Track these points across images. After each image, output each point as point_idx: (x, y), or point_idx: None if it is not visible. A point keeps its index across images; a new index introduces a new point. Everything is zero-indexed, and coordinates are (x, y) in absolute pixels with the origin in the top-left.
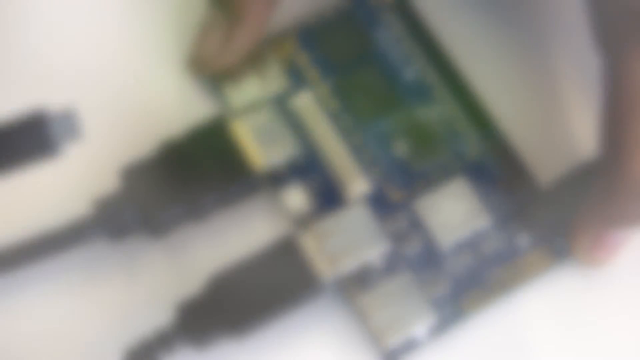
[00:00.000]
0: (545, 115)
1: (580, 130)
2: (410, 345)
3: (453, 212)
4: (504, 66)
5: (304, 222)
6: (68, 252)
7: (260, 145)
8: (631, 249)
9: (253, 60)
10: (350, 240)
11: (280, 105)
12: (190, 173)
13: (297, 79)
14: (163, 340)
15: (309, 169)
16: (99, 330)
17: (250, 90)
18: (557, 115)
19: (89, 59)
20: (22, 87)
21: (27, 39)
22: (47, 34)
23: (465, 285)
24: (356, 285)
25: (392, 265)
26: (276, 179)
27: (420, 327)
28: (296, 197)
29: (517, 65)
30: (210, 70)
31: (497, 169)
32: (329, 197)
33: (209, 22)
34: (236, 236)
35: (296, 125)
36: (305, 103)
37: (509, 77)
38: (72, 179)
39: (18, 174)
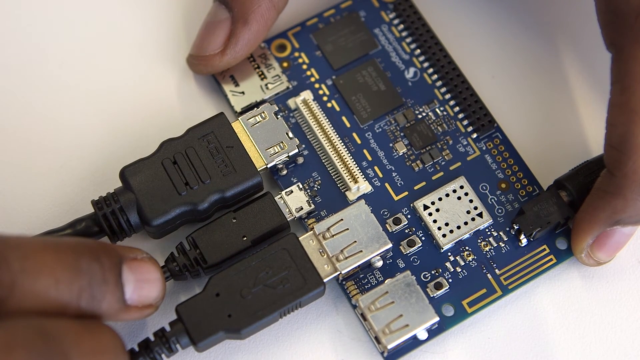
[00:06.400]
0: (546, 115)
1: (582, 130)
2: (411, 345)
3: (453, 211)
4: (505, 66)
5: (304, 221)
6: None
7: (261, 144)
8: (631, 250)
9: (254, 60)
10: (350, 240)
11: (281, 104)
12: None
13: (297, 78)
14: (163, 339)
15: (309, 168)
16: None
17: (251, 89)
18: (558, 115)
19: (91, 57)
20: (25, 85)
21: (31, 36)
22: (50, 32)
23: (466, 285)
24: (356, 285)
25: (392, 265)
26: (276, 179)
27: (420, 327)
28: (296, 197)
29: (518, 65)
30: (211, 68)
31: (497, 169)
32: (329, 197)
33: (213, 21)
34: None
35: (296, 125)
36: (306, 103)
37: (510, 77)
38: (74, 179)
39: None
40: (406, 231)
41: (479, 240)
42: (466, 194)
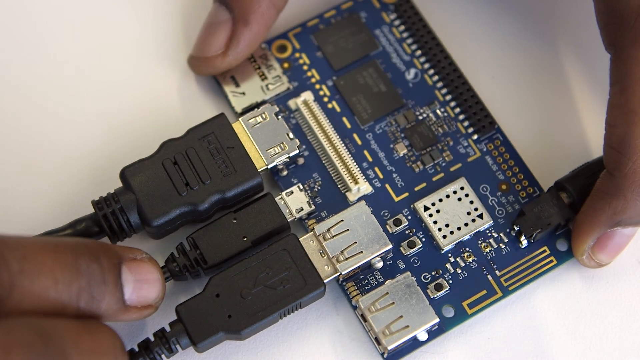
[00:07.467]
0: (547, 116)
1: (582, 131)
2: (411, 346)
3: (453, 212)
4: (505, 66)
5: (305, 222)
6: None
7: (261, 145)
8: (631, 250)
9: (254, 61)
10: (351, 241)
11: (281, 105)
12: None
13: (297, 79)
14: (163, 340)
15: (309, 169)
16: None
17: (252, 90)
18: (558, 116)
19: (91, 57)
20: (26, 85)
21: (31, 36)
22: (50, 32)
23: (466, 287)
24: (357, 286)
25: (392, 266)
26: (277, 180)
27: (421, 328)
28: (297, 198)
29: (519, 66)
30: (213, 70)
31: (498, 170)
32: (330, 198)
33: (214, 22)
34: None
35: (297, 126)
36: (306, 104)
37: (510, 77)
38: (74, 179)
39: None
40: (406, 232)
41: (480, 242)
42: (467, 195)
